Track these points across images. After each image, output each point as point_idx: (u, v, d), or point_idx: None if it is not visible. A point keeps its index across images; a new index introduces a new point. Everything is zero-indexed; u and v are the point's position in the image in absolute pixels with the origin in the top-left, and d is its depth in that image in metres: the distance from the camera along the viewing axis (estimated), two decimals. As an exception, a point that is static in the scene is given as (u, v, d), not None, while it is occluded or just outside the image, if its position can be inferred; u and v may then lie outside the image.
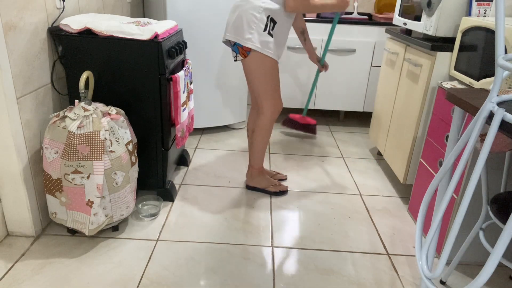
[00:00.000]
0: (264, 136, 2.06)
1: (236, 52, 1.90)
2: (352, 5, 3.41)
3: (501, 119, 1.01)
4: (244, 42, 1.83)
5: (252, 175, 2.18)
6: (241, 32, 1.83)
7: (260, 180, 2.18)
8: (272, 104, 1.99)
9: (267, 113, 2.01)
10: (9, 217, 1.71)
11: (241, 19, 1.82)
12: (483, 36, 1.61)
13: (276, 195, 2.16)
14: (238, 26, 1.84)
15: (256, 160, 2.14)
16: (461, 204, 1.09)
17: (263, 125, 2.03)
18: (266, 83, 1.93)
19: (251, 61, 1.88)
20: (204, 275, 1.58)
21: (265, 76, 1.91)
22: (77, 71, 1.80)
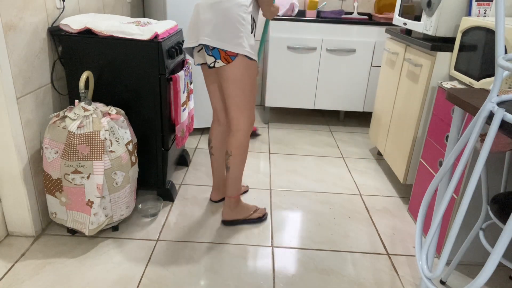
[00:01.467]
0: (244, 156, 1.78)
1: (216, 57, 1.61)
2: (352, 5, 3.41)
3: (501, 119, 1.01)
4: (233, 48, 1.57)
5: (231, 207, 1.87)
6: (228, 36, 1.56)
7: (240, 210, 1.90)
8: (248, 116, 1.73)
9: (244, 128, 1.73)
10: (9, 217, 1.71)
11: (226, 21, 1.56)
12: (483, 36, 1.61)
13: (260, 221, 1.93)
14: (222, 28, 1.57)
15: (235, 188, 1.84)
16: (461, 204, 1.09)
17: (241, 143, 1.74)
18: (249, 92, 1.69)
19: (236, 67, 1.61)
20: (204, 275, 1.58)
21: (249, 84, 1.68)
22: (77, 71, 1.80)
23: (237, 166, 1.78)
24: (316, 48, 2.98)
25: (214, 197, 2.07)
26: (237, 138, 1.74)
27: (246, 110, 1.71)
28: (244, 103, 1.69)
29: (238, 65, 1.61)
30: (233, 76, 1.63)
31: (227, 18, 1.56)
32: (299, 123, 3.32)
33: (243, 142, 1.75)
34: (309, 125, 3.29)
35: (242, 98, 1.68)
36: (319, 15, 3.25)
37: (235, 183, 1.82)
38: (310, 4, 3.20)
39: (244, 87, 1.66)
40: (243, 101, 1.69)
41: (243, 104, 1.69)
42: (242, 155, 1.77)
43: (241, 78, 1.64)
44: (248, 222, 1.91)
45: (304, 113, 3.59)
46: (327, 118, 3.49)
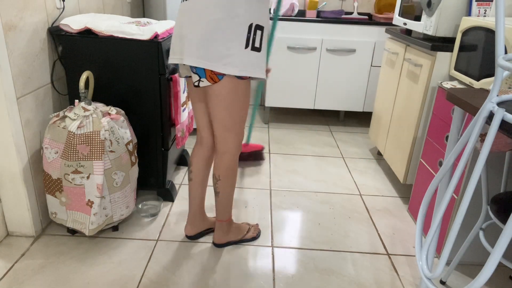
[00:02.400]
0: (233, 180, 1.61)
1: (201, 76, 1.38)
2: (352, 5, 3.41)
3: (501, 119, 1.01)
4: (221, 68, 1.33)
5: (223, 231, 1.72)
6: (215, 54, 1.32)
7: (233, 232, 1.75)
8: (236, 137, 1.53)
9: (231, 150, 1.54)
10: (9, 217, 1.71)
11: (214, 35, 1.30)
12: (483, 36, 1.61)
13: (254, 239, 1.80)
14: (209, 45, 1.32)
15: (226, 211, 1.68)
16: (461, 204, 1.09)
17: (229, 165, 1.57)
18: (239, 112, 1.47)
19: (224, 86, 1.39)
20: (204, 275, 1.58)
21: (239, 105, 1.45)
22: (77, 71, 1.80)
23: (226, 191, 1.62)
24: (316, 48, 2.98)
25: (188, 231, 1.77)
26: (225, 160, 1.56)
27: (234, 130, 1.51)
28: (232, 123, 1.49)
29: (226, 85, 1.39)
30: (220, 97, 1.42)
31: (215, 32, 1.30)
32: (299, 123, 3.32)
33: (231, 164, 1.57)
34: (309, 125, 3.29)
35: (229, 119, 1.47)
36: (319, 15, 3.25)
37: (226, 207, 1.67)
38: (310, 4, 3.20)
39: (232, 108, 1.45)
40: (231, 121, 1.48)
41: (231, 125, 1.49)
42: (231, 179, 1.60)
43: (229, 99, 1.43)
44: (241, 242, 1.77)
45: (304, 113, 3.59)
46: (327, 118, 3.49)
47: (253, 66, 1.38)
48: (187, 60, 1.36)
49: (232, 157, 1.56)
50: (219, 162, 1.57)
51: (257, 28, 1.34)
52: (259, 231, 1.84)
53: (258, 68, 1.39)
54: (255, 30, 1.34)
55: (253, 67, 1.38)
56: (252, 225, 1.84)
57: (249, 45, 1.34)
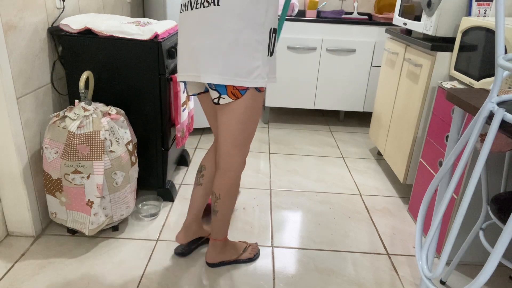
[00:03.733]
0: (234, 199, 1.50)
1: (221, 93, 1.26)
2: (352, 5, 3.41)
3: (501, 119, 1.01)
4: (250, 83, 1.22)
5: (217, 250, 1.59)
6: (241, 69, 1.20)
7: (227, 251, 1.62)
8: (243, 154, 1.42)
9: (237, 168, 1.42)
10: (9, 217, 1.71)
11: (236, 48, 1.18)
12: (483, 36, 1.61)
13: (250, 261, 1.66)
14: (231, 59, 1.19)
15: (222, 231, 1.56)
16: (461, 204, 1.09)
17: (232, 185, 1.45)
18: (251, 128, 1.37)
19: (244, 101, 1.28)
20: (204, 275, 1.58)
21: (253, 120, 1.34)
22: (77, 71, 1.80)
23: (226, 210, 1.50)
24: (316, 48, 2.98)
25: (180, 239, 1.65)
26: (227, 179, 1.43)
27: (242, 146, 1.39)
28: (242, 139, 1.37)
29: (247, 100, 1.28)
30: (237, 111, 1.30)
31: (238, 44, 1.18)
32: (299, 123, 3.32)
33: (234, 183, 1.45)
34: (309, 125, 3.29)
35: (241, 134, 1.36)
36: (319, 15, 3.25)
37: (223, 226, 1.54)
38: (310, 4, 3.20)
39: (247, 123, 1.34)
40: (242, 137, 1.36)
41: (240, 141, 1.37)
42: (232, 198, 1.48)
43: (246, 114, 1.31)
44: (236, 263, 1.64)
45: (304, 113, 3.59)
46: (327, 118, 3.49)
47: (273, 72, 1.30)
48: (206, 78, 1.21)
49: (235, 175, 1.44)
50: (221, 180, 1.43)
51: (273, 32, 1.25)
52: (257, 251, 1.69)
53: (272, 73, 1.31)
54: (272, 35, 1.24)
55: (273, 72, 1.30)
56: (250, 244, 1.71)
57: (269, 51, 1.25)
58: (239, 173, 1.44)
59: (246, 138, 1.38)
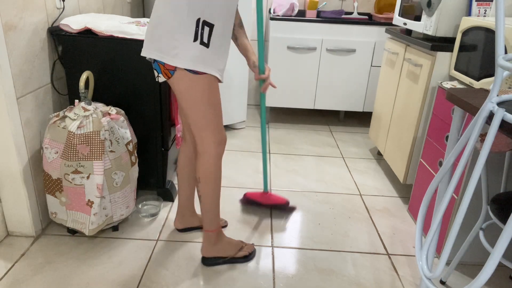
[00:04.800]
0: (214, 184, 1.52)
1: (158, 71, 1.39)
2: (352, 5, 3.41)
3: (501, 119, 1.01)
4: (170, 60, 1.32)
5: (210, 242, 1.61)
6: (163, 45, 1.32)
7: (222, 247, 1.63)
8: (214, 136, 1.46)
9: (210, 151, 1.47)
10: (9, 217, 1.71)
11: (160, 25, 1.31)
12: (483, 36, 1.61)
13: (246, 260, 1.65)
14: (156, 36, 1.33)
15: (212, 220, 1.58)
16: (461, 204, 1.09)
17: (207, 168, 1.48)
18: (205, 110, 1.41)
19: (178, 82, 1.37)
20: (204, 275, 1.58)
21: (201, 101, 1.39)
22: (77, 71, 1.80)
23: (208, 196, 1.53)
24: (316, 48, 2.98)
25: (176, 224, 1.81)
26: (203, 162, 1.48)
27: (208, 129, 1.44)
28: (203, 121, 1.43)
29: (181, 80, 1.36)
30: (180, 94, 1.39)
31: (163, 24, 1.31)
32: (299, 123, 3.32)
33: (210, 167, 1.48)
34: (309, 125, 3.29)
35: (198, 117, 1.42)
36: (319, 15, 3.25)
37: (209, 215, 1.56)
38: (310, 4, 3.20)
39: (197, 105, 1.40)
40: (202, 120, 1.43)
41: (203, 124, 1.43)
42: (211, 183, 1.51)
43: (189, 95, 1.38)
44: (232, 262, 1.64)
45: (304, 113, 3.59)
46: (327, 118, 3.49)
47: (203, 61, 1.34)
48: (143, 52, 1.38)
49: (210, 158, 1.48)
50: (199, 163, 1.49)
51: (204, 24, 1.31)
52: (253, 251, 1.69)
53: (208, 64, 1.35)
54: (202, 25, 1.31)
55: (203, 62, 1.34)
56: (247, 244, 1.70)
57: (198, 38, 1.31)
58: (214, 156, 1.48)
59: (207, 121, 1.43)
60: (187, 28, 1.29)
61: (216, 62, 1.38)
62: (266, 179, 1.97)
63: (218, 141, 1.47)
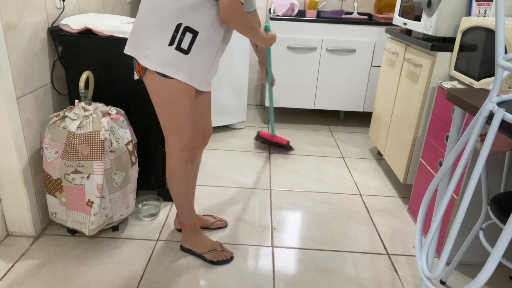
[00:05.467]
0: (178, 183, 1.54)
1: (134, 68, 1.43)
2: (352, 5, 3.41)
3: (501, 119, 1.01)
4: (141, 60, 1.34)
5: (186, 235, 1.68)
6: (139, 44, 1.34)
7: (194, 243, 1.67)
8: (178, 141, 1.46)
9: (173, 153, 1.49)
10: (9, 217, 1.71)
11: (139, 25, 1.34)
12: (483, 36, 1.61)
13: (214, 264, 1.64)
14: (135, 34, 1.36)
15: (185, 216, 1.64)
16: (461, 204, 1.09)
17: (171, 169, 1.52)
18: (170, 114, 1.41)
19: (147, 82, 1.39)
20: (204, 275, 1.58)
21: (167, 104, 1.39)
22: (77, 71, 1.79)
23: (174, 193, 1.58)
24: (316, 48, 2.98)
25: (176, 224, 1.84)
26: (168, 162, 1.52)
27: (172, 133, 1.45)
28: (167, 124, 1.44)
29: (150, 81, 1.38)
30: (150, 94, 1.42)
31: (141, 24, 1.33)
32: (299, 123, 3.32)
33: (172, 169, 1.51)
34: (309, 125, 3.29)
35: (164, 119, 1.44)
36: (319, 15, 3.25)
37: (181, 211, 1.62)
38: (310, 4, 3.20)
39: (163, 108, 1.41)
40: (167, 123, 1.44)
41: (168, 126, 1.44)
42: (175, 183, 1.54)
43: (157, 97, 1.40)
44: (202, 259, 1.66)
45: (304, 113, 3.59)
46: (327, 118, 3.49)
47: (175, 66, 1.32)
48: (125, 48, 1.41)
49: (172, 160, 1.50)
50: (166, 162, 1.54)
51: (187, 30, 1.29)
52: (225, 259, 1.64)
53: (181, 70, 1.34)
54: (183, 31, 1.29)
55: (175, 67, 1.32)
56: (224, 249, 1.68)
57: (174, 43, 1.30)
58: (176, 160, 1.49)
59: (172, 124, 1.43)
60: (164, 31, 1.29)
61: (194, 70, 1.36)
62: (273, 124, 2.72)
63: (182, 146, 1.47)
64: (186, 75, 1.35)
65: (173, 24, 1.28)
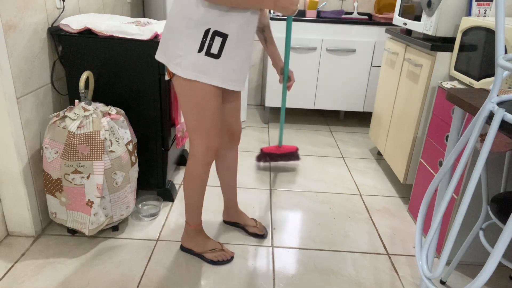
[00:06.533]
0: (196, 184, 1.55)
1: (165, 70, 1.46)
2: (352, 5, 3.41)
3: (501, 119, 1.01)
4: (172, 67, 1.36)
5: (188, 234, 1.69)
6: (169, 51, 1.36)
7: (195, 243, 1.68)
8: (202, 143, 1.47)
9: (197, 155, 1.49)
10: (9, 217, 1.71)
11: (168, 32, 1.35)
12: (483, 36, 1.61)
13: (214, 264, 1.65)
14: (165, 40, 1.38)
15: (191, 216, 1.64)
16: (461, 204, 1.09)
17: (192, 169, 1.52)
18: (197, 116, 1.43)
19: (176, 84, 1.41)
20: (204, 275, 1.58)
21: (195, 107, 1.41)
22: (77, 71, 1.80)
23: (188, 193, 1.58)
24: (316, 48, 2.98)
25: (223, 215, 1.92)
26: (190, 163, 1.52)
27: (198, 135, 1.46)
28: (193, 126, 1.45)
29: (178, 84, 1.40)
30: (178, 94, 1.44)
31: (171, 33, 1.34)
32: (299, 123, 3.32)
33: (195, 171, 1.51)
34: (309, 125, 3.29)
35: (189, 120, 1.45)
36: (319, 15, 3.25)
37: (189, 210, 1.62)
38: (310, 4, 3.20)
39: (189, 109, 1.43)
40: (192, 124, 1.45)
41: (192, 127, 1.46)
42: (191, 184, 1.55)
43: (184, 98, 1.42)
44: (201, 258, 1.67)
45: (304, 113, 3.59)
46: (327, 118, 3.49)
47: (205, 72, 1.34)
48: (156, 55, 1.46)
49: (195, 162, 1.50)
50: (187, 163, 1.54)
51: (216, 34, 1.30)
52: (226, 259, 1.65)
53: (213, 75, 1.35)
54: (212, 36, 1.30)
55: (205, 72, 1.34)
56: (225, 249, 1.68)
57: (204, 49, 1.31)
58: (200, 162, 1.50)
59: (197, 126, 1.44)
60: (193, 38, 1.30)
61: (228, 72, 1.37)
62: (281, 135, 2.43)
63: (206, 148, 1.48)
64: (220, 79, 1.37)
65: (201, 30, 1.29)
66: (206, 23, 1.28)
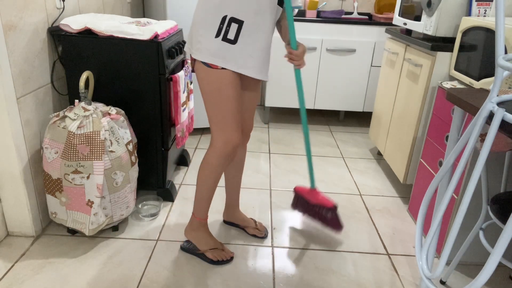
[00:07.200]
0: (210, 175, 1.54)
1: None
2: (352, 5, 3.41)
3: (501, 119, 1.01)
4: (193, 53, 1.44)
5: (192, 225, 1.68)
6: (193, 39, 1.45)
7: (197, 237, 1.67)
8: (223, 134, 1.47)
9: (217, 145, 1.49)
10: (9, 217, 1.71)
11: (193, 22, 1.45)
12: (483, 36, 1.61)
13: (213, 263, 1.63)
14: (190, 31, 1.47)
15: (199, 209, 1.63)
16: (461, 204, 1.09)
17: (210, 159, 1.52)
18: (215, 106, 1.45)
19: (197, 73, 1.46)
20: (204, 275, 1.58)
21: (213, 95, 1.44)
22: (77, 71, 1.80)
23: (201, 183, 1.57)
24: (316, 48, 2.98)
25: (223, 215, 1.91)
26: (208, 152, 1.52)
27: (217, 126, 1.48)
28: (213, 116, 1.47)
29: (199, 72, 1.45)
30: (199, 83, 1.48)
31: (194, 18, 1.44)
32: (299, 123, 3.32)
33: (214, 160, 1.51)
34: (309, 125, 3.29)
35: (209, 110, 1.48)
36: (319, 15, 3.25)
37: (198, 201, 1.62)
38: (310, 4, 3.20)
39: (208, 98, 1.46)
40: (212, 113, 1.47)
41: (212, 117, 1.48)
42: (209, 174, 1.54)
43: (203, 86, 1.46)
44: (200, 258, 1.66)
45: (304, 113, 3.58)
46: (327, 118, 3.49)
47: (223, 57, 1.39)
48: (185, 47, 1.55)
49: (213, 152, 1.51)
50: (206, 152, 1.55)
51: (232, 21, 1.36)
52: (224, 258, 1.64)
53: (229, 59, 1.39)
54: (229, 23, 1.36)
55: (222, 57, 1.39)
56: (225, 249, 1.67)
57: (220, 35, 1.37)
58: (219, 153, 1.50)
59: (216, 116, 1.47)
60: (211, 24, 1.37)
61: (245, 59, 1.41)
62: (313, 175, 1.81)
63: (225, 140, 1.48)
64: (235, 64, 1.41)
65: (219, 17, 1.36)
66: (222, 10, 1.36)
